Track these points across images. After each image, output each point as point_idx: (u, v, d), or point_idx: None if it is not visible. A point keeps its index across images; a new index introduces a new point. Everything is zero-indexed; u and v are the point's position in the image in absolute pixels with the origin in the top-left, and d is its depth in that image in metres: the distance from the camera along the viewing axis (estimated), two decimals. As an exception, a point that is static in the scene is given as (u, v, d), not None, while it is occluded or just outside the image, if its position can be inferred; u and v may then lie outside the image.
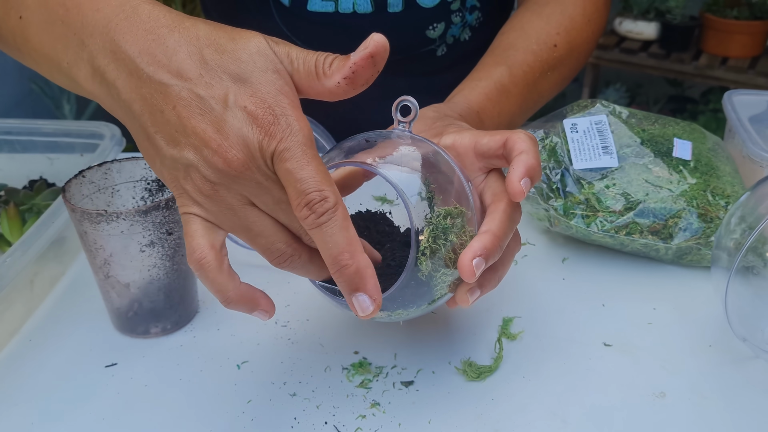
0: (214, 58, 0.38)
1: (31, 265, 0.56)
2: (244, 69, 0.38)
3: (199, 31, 0.39)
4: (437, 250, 0.43)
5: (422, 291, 0.44)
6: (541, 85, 0.68)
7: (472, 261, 0.42)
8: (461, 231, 0.44)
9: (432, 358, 0.53)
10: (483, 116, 0.61)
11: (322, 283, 0.46)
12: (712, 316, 0.56)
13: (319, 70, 0.40)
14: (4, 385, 0.51)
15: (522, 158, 0.45)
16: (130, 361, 0.53)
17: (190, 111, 0.38)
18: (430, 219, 0.43)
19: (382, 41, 0.40)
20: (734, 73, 2.14)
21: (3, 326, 0.55)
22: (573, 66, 0.72)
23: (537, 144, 0.48)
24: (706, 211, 0.60)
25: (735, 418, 0.48)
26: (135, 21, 0.40)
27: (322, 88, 0.40)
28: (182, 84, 0.38)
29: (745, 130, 0.68)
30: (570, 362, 0.53)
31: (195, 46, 0.39)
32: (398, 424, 0.47)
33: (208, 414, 0.48)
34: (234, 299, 0.42)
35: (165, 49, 0.39)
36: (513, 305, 0.58)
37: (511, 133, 0.48)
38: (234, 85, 0.38)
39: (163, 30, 0.39)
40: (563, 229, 0.63)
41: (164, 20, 0.40)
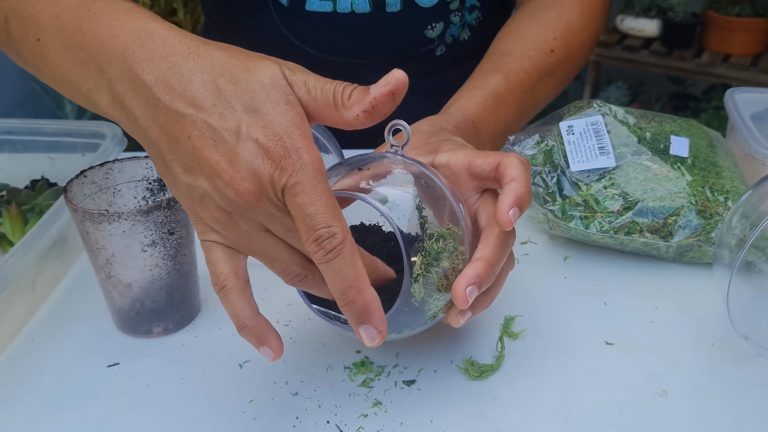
0: (227, 88, 0.39)
1: (33, 265, 0.56)
2: (256, 100, 0.39)
3: (214, 58, 0.40)
4: (429, 276, 0.44)
5: (416, 316, 0.45)
6: (538, 92, 0.68)
7: (466, 289, 0.44)
8: (453, 255, 0.45)
9: (434, 357, 0.53)
10: (479, 126, 0.61)
11: (318, 307, 0.48)
12: (714, 314, 0.56)
13: (338, 100, 0.40)
14: (6, 384, 0.51)
15: (512, 187, 0.46)
16: (133, 361, 0.53)
17: (204, 141, 0.39)
18: (422, 244, 0.44)
19: (402, 78, 0.40)
20: (736, 71, 2.14)
21: (5, 326, 0.55)
22: (570, 71, 0.71)
23: (529, 168, 0.48)
24: (705, 207, 0.60)
25: (737, 417, 0.48)
26: (151, 48, 0.40)
27: (340, 119, 0.41)
28: (197, 114, 0.39)
29: (747, 128, 0.68)
30: (572, 361, 0.53)
31: (209, 75, 0.39)
32: (400, 423, 0.48)
33: (211, 413, 0.48)
34: (248, 328, 0.43)
35: (180, 78, 0.39)
36: (514, 304, 0.58)
37: (503, 156, 0.48)
38: (246, 116, 0.39)
39: (179, 57, 0.40)
40: (563, 232, 0.63)
41: (179, 47, 0.40)
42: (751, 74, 2.12)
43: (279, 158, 0.38)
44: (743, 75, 2.12)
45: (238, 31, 0.84)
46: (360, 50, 0.81)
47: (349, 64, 0.82)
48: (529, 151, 0.65)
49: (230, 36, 0.86)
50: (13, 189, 0.70)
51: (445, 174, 0.50)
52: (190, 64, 0.39)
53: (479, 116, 0.62)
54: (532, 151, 0.65)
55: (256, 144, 0.38)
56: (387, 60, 0.82)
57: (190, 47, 0.40)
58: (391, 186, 0.45)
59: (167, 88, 0.39)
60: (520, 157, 0.48)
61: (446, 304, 0.46)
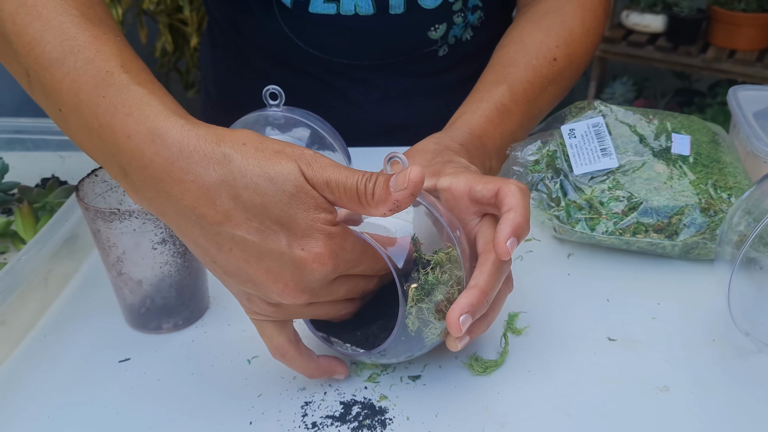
0: (256, 202, 0.40)
1: (46, 262, 0.58)
2: (288, 213, 0.40)
3: (234, 167, 0.40)
4: (424, 307, 0.45)
5: (413, 343, 0.47)
6: (541, 100, 0.68)
7: (459, 318, 0.45)
8: (449, 283, 0.46)
9: (439, 353, 0.53)
10: (485, 140, 0.62)
11: (322, 334, 0.50)
12: (715, 310, 0.57)
13: (362, 198, 0.42)
14: (20, 379, 0.52)
15: (510, 217, 0.47)
16: (143, 356, 0.54)
17: (248, 255, 0.41)
18: (417, 275, 0.45)
19: (418, 178, 0.41)
20: (742, 66, 2.13)
21: (19, 322, 0.56)
22: (572, 77, 0.72)
23: (527, 195, 0.49)
24: (709, 205, 0.61)
25: (737, 412, 0.49)
26: (167, 157, 0.40)
27: (366, 212, 0.43)
28: (232, 229, 0.40)
29: (750, 126, 0.69)
30: (575, 357, 0.53)
31: (233, 188, 0.40)
32: (406, 417, 0.48)
33: (219, 408, 0.49)
34: (315, 375, 0.49)
35: (207, 193, 0.40)
36: (518, 300, 0.59)
37: (503, 183, 0.49)
38: (282, 229, 0.40)
39: (198, 168, 0.40)
40: (569, 235, 0.64)
41: (196, 155, 0.40)
42: (756, 70, 2.11)
43: (332, 269, 0.42)
44: (749, 70, 2.12)
45: (241, 33, 0.85)
46: (363, 52, 0.81)
47: (353, 65, 0.83)
48: (531, 156, 0.66)
49: (234, 37, 0.87)
50: (25, 187, 0.71)
51: (447, 198, 0.52)
52: (212, 176, 0.40)
53: (485, 130, 0.62)
54: (534, 157, 0.65)
55: (301, 257, 0.41)
56: (390, 61, 0.82)
57: (207, 154, 0.40)
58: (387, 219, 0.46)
59: (195, 203, 0.40)
60: (520, 184, 0.49)
61: (443, 330, 0.47)
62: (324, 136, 0.64)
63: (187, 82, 2.22)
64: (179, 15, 2.05)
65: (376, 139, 0.82)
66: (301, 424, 0.48)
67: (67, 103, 0.44)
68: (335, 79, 0.84)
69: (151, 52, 2.15)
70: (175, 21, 2.07)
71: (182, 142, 0.40)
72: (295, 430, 0.48)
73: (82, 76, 0.43)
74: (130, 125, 0.41)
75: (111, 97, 0.42)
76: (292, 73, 0.84)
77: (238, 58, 0.88)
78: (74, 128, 0.45)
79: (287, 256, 0.40)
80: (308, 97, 0.84)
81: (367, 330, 0.49)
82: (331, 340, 0.50)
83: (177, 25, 2.08)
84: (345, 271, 0.43)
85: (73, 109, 0.43)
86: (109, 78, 0.43)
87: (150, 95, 0.42)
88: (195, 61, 2.15)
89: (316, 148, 0.64)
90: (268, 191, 0.40)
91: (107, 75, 0.43)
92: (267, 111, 0.63)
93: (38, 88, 0.46)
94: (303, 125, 0.64)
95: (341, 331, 0.50)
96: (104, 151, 0.43)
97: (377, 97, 0.85)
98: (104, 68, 0.43)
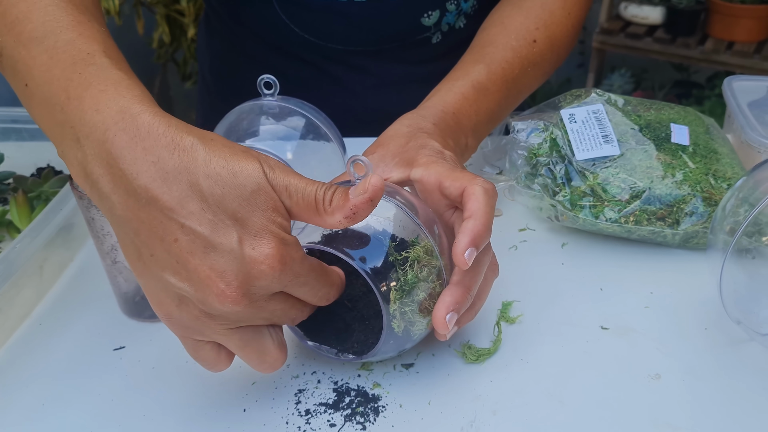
0: (214, 192, 0.38)
1: (40, 251, 0.58)
2: (245, 208, 0.39)
3: (198, 156, 0.39)
4: (406, 307, 0.46)
5: (402, 340, 0.48)
6: (521, 82, 0.68)
7: (445, 317, 0.45)
8: (429, 279, 0.46)
9: (432, 341, 0.54)
10: (460, 117, 0.61)
11: (314, 343, 0.50)
12: (708, 299, 0.57)
13: (320, 206, 0.41)
14: (15, 367, 0.52)
15: (468, 225, 0.46)
16: (138, 344, 0.54)
17: (194, 248, 0.38)
18: (395, 275, 0.45)
19: (378, 184, 0.41)
20: (740, 58, 2.13)
21: (14, 310, 0.56)
22: (553, 60, 0.71)
23: (492, 197, 0.48)
24: (710, 194, 0.61)
25: (729, 400, 0.49)
26: (134, 135, 0.39)
27: (322, 222, 0.42)
28: (184, 217, 0.38)
29: (744, 116, 0.69)
30: (567, 345, 0.54)
31: (194, 175, 0.38)
32: (399, 405, 0.49)
33: (214, 395, 0.50)
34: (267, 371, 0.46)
35: (165, 176, 0.38)
36: (512, 289, 0.59)
37: (469, 183, 0.48)
38: (235, 225, 0.38)
39: (163, 152, 0.38)
40: (571, 222, 0.64)
41: (163, 139, 0.39)
42: (755, 61, 2.11)
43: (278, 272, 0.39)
44: (747, 62, 2.12)
45: (238, 20, 0.85)
46: (358, 38, 0.81)
47: (348, 52, 0.83)
48: (535, 139, 0.66)
49: (231, 24, 0.87)
50: (20, 177, 0.71)
51: (420, 189, 0.52)
52: (175, 160, 0.38)
53: (459, 107, 0.62)
54: (538, 140, 0.66)
55: (250, 257, 0.38)
56: (384, 48, 0.82)
57: (174, 140, 0.39)
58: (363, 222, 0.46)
59: (150, 184, 0.38)
60: (486, 183, 0.48)
61: (430, 322, 0.48)
62: (319, 125, 0.64)
63: (184, 73, 2.22)
64: (176, 6, 2.04)
65: (372, 126, 0.82)
66: (294, 412, 0.48)
67: (37, 77, 0.43)
68: (330, 66, 0.85)
69: (148, 43, 2.14)
70: (172, 12, 2.06)
71: (152, 125, 0.39)
72: (289, 418, 0.48)
73: (61, 54, 0.43)
74: (102, 101, 0.40)
75: (88, 75, 0.41)
76: (287, 61, 0.85)
77: (235, 47, 0.88)
78: (36, 102, 0.43)
79: (236, 253, 0.38)
80: (304, 85, 0.84)
81: (351, 336, 0.49)
82: (321, 348, 0.50)
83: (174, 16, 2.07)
84: (289, 285, 0.41)
85: (43, 83, 0.42)
86: (89, 59, 0.42)
87: (129, 81, 0.42)
88: (192, 52, 2.14)
89: (311, 138, 0.64)
90: (229, 183, 0.38)
91: (87, 56, 0.42)
92: (262, 100, 0.63)
93: (8, 64, 0.45)
94: (298, 114, 0.64)
95: (328, 338, 0.50)
96: (61, 126, 0.41)
97: (372, 84, 0.86)
98: (85, 50, 0.43)
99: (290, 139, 0.62)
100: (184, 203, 0.38)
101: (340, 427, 0.47)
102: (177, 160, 0.38)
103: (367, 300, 0.49)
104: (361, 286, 0.49)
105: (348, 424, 0.47)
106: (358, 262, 0.45)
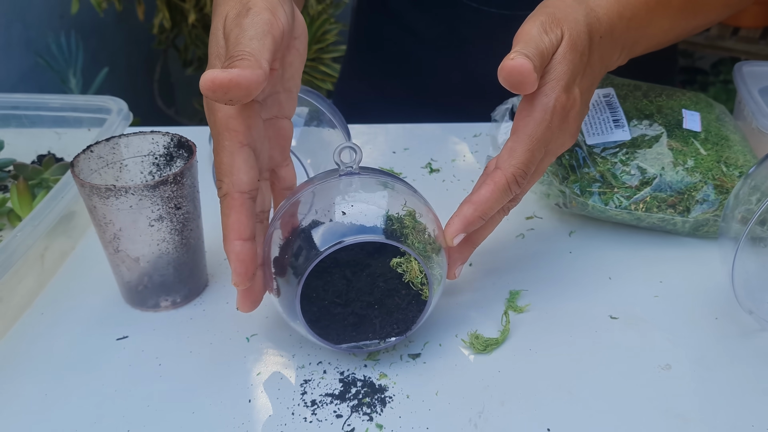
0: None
1: (42, 239, 0.57)
2: None
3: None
4: (434, 271, 0.48)
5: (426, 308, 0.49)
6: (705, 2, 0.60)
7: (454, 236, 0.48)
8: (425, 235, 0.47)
9: (439, 332, 0.53)
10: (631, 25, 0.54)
11: (352, 344, 0.50)
12: (718, 288, 0.57)
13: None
14: (18, 357, 0.52)
15: (463, 211, 0.48)
16: (141, 334, 0.54)
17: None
18: (406, 241, 0.46)
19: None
20: (745, 44, 2.11)
21: (16, 299, 0.55)
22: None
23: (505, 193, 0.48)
24: (722, 182, 0.60)
25: (740, 390, 0.48)
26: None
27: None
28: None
29: (755, 102, 0.68)
30: (576, 335, 0.53)
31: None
32: (406, 395, 0.48)
33: (218, 386, 0.49)
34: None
35: None
36: (520, 279, 0.58)
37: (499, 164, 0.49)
38: None
39: None
40: (579, 209, 0.63)
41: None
42: (760, 47, 2.09)
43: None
44: (752, 48, 2.10)
45: None
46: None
47: (481, 11, 0.82)
48: None
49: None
50: (20, 164, 0.70)
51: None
52: None
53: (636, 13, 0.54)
54: None
55: None
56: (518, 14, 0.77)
57: None
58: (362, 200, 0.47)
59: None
60: (509, 177, 0.48)
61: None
62: (323, 112, 0.63)
63: (185, 59, 2.20)
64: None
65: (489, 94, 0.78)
66: (300, 402, 0.48)
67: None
68: (462, 27, 0.84)
69: (149, 29, 2.12)
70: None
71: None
72: (295, 408, 0.47)
73: None
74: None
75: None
76: (423, 18, 0.85)
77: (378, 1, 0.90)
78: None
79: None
80: (435, 43, 0.86)
81: (374, 323, 0.49)
82: (360, 345, 0.49)
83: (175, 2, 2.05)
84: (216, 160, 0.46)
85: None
86: None
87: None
88: (193, 38, 2.12)
89: (315, 125, 0.63)
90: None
91: None
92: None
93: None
94: (302, 101, 0.63)
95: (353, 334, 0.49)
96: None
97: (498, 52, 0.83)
98: None
99: (295, 126, 0.61)
100: None
101: (347, 417, 0.47)
102: None
103: (376, 286, 0.48)
104: (367, 278, 0.48)
105: (354, 415, 0.47)
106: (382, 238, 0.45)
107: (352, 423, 0.46)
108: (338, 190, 0.48)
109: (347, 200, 0.47)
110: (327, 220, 0.46)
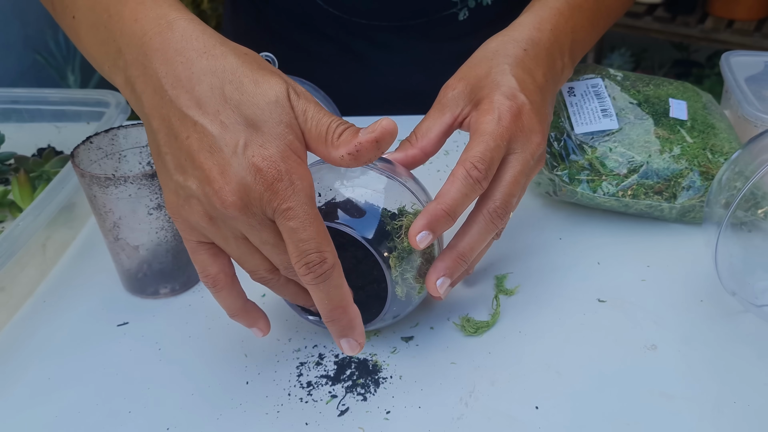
0: (234, 97, 0.40)
1: (43, 229, 0.58)
2: (259, 116, 0.39)
3: (227, 63, 0.40)
4: (407, 273, 0.47)
5: (400, 306, 0.50)
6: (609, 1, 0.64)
7: (436, 282, 0.47)
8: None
9: (431, 315, 0.54)
10: (558, 34, 0.57)
11: (315, 317, 0.52)
12: (704, 272, 0.58)
13: (329, 137, 0.41)
14: (21, 344, 0.53)
15: (430, 208, 0.46)
16: (141, 321, 0.55)
17: (201, 146, 0.39)
18: (392, 245, 0.46)
19: (389, 127, 0.41)
20: (740, 36, 2.12)
21: (18, 288, 0.57)
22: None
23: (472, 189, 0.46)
24: (707, 169, 0.61)
25: (722, 369, 0.50)
26: (168, 38, 0.41)
27: (327, 155, 0.42)
28: (200, 117, 0.40)
29: (741, 91, 0.69)
30: (564, 317, 0.54)
31: (219, 79, 0.40)
32: (399, 376, 0.50)
33: (216, 369, 0.51)
34: (239, 316, 0.47)
35: (190, 75, 0.40)
36: (510, 263, 0.60)
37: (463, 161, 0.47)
38: (246, 131, 0.39)
39: (193, 54, 0.40)
40: (568, 197, 0.64)
41: (196, 43, 0.41)
42: (755, 39, 2.10)
43: (272, 180, 0.39)
44: (747, 40, 2.11)
45: None
46: (383, 12, 0.80)
47: (372, 27, 0.82)
48: None
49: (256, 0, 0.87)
50: (21, 157, 0.72)
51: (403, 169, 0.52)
52: (203, 63, 0.40)
53: (556, 23, 0.58)
54: None
55: (251, 161, 0.39)
56: (410, 24, 0.82)
57: (207, 46, 0.41)
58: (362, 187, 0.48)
59: (176, 83, 0.40)
60: (474, 171, 0.46)
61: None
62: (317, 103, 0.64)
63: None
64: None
65: (395, 104, 0.81)
66: (296, 383, 0.49)
67: (82, 6, 0.46)
68: (354, 42, 0.84)
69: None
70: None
71: (186, 31, 0.41)
72: (291, 389, 0.49)
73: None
74: (140, 11, 0.43)
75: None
76: (312, 37, 0.85)
77: (260, 23, 0.89)
78: (83, 31, 0.46)
79: (239, 155, 0.39)
80: (327, 62, 0.84)
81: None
82: (322, 322, 0.50)
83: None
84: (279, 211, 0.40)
85: (87, 10, 0.46)
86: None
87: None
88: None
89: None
90: (249, 91, 0.40)
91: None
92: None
93: (57, 2, 0.49)
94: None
95: None
96: (106, 44, 0.44)
97: (396, 62, 0.85)
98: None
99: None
100: (202, 103, 0.40)
101: (341, 398, 0.48)
102: (205, 64, 0.40)
103: (359, 271, 0.50)
104: (350, 259, 0.49)
105: (349, 395, 0.48)
106: (356, 232, 0.45)
107: (346, 403, 0.48)
108: (339, 173, 0.49)
109: (345, 185, 0.48)
110: (323, 201, 0.47)
